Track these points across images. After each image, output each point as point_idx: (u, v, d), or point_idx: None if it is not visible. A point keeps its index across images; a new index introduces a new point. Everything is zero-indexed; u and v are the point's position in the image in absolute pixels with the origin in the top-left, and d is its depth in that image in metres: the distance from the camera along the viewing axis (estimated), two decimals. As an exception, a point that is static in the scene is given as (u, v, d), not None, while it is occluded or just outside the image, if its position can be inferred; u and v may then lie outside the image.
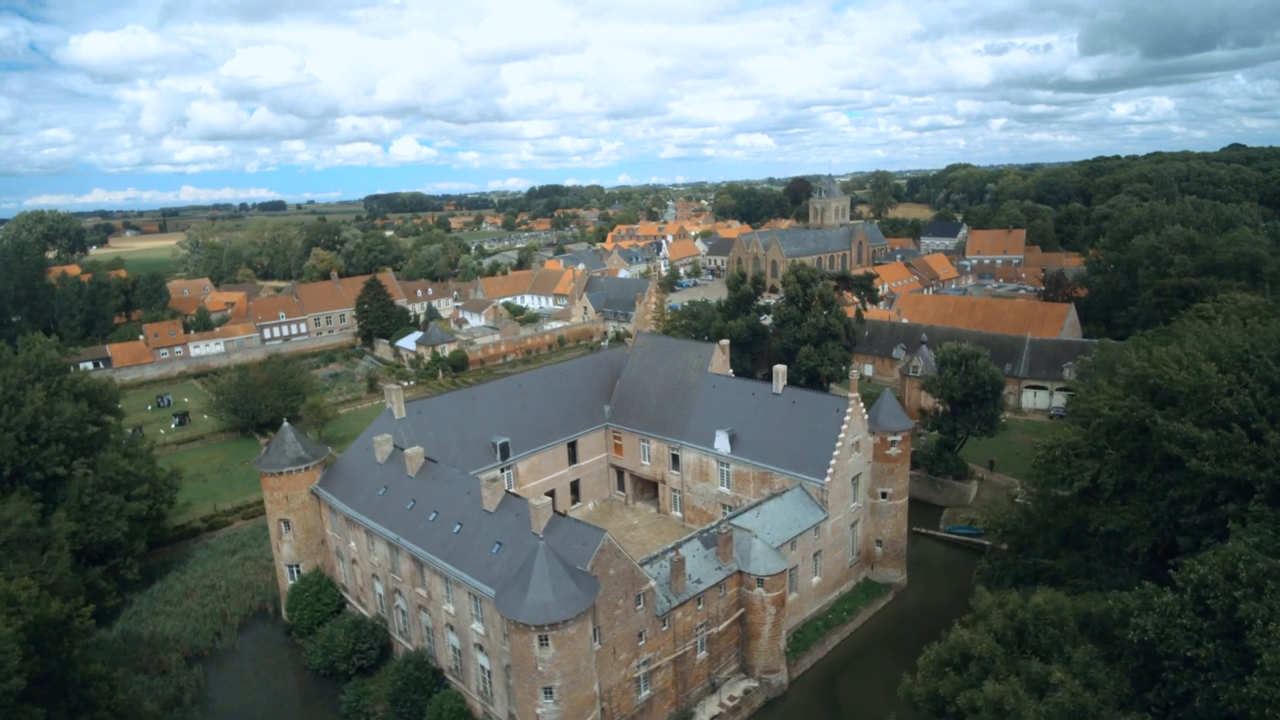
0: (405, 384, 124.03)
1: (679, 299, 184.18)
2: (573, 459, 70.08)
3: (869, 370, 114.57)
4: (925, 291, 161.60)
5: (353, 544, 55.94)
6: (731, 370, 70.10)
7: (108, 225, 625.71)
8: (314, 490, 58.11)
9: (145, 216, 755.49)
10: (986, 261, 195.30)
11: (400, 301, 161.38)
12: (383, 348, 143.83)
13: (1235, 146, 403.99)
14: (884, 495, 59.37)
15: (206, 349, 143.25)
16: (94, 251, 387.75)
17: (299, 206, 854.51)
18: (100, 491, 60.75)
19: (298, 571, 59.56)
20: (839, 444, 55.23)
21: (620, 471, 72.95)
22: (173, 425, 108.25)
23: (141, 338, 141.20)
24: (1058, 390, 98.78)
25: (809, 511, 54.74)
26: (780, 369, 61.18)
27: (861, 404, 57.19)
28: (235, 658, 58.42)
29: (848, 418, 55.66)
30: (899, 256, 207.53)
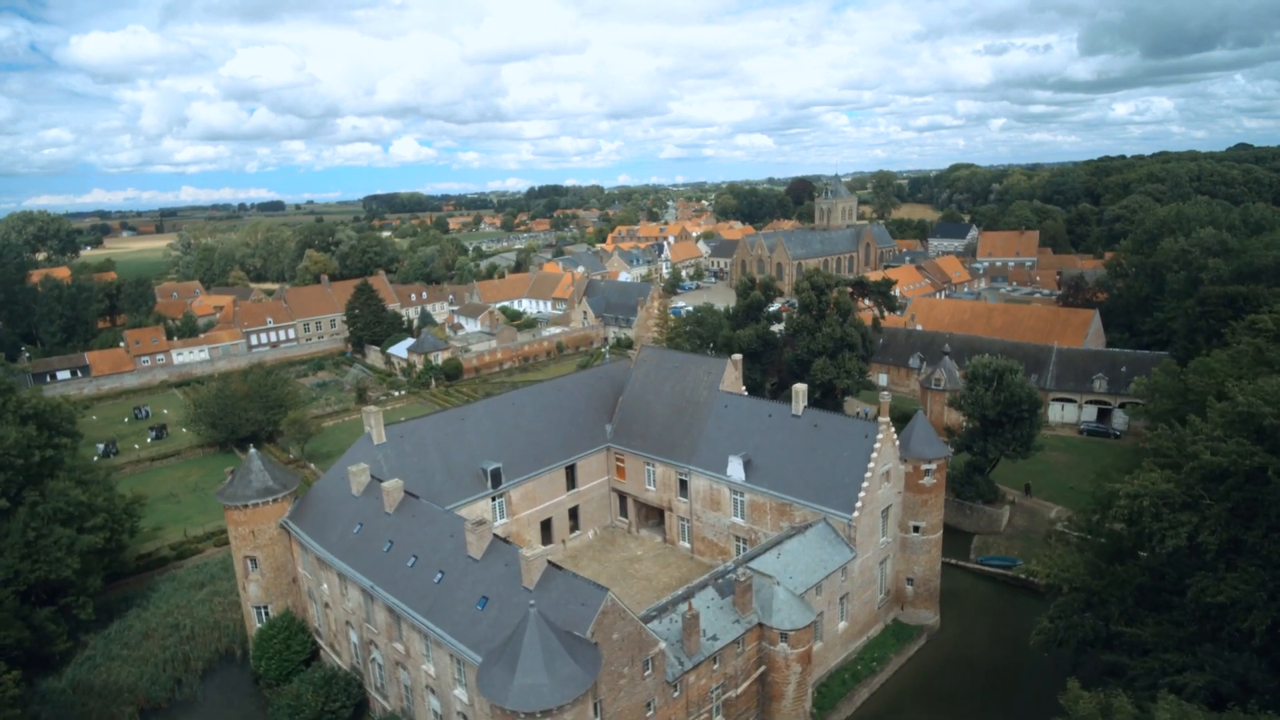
0: (396, 394, 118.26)
1: (682, 302, 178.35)
2: (571, 484, 64.23)
3: (883, 380, 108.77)
4: (937, 295, 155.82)
5: (325, 586, 50.10)
6: (745, 388, 64.20)
7: (104, 226, 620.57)
8: (283, 524, 52.26)
9: (144, 217, 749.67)
10: (998, 264, 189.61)
11: (393, 306, 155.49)
12: (374, 355, 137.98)
13: (1242, 146, 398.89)
14: (916, 529, 53.55)
15: (190, 356, 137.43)
16: (86, 253, 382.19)
17: (298, 207, 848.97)
18: (49, 524, 54.76)
19: (266, 614, 53.74)
20: (869, 474, 49.40)
21: (623, 496, 67.11)
22: (149, 439, 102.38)
23: (122, 344, 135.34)
24: (1087, 403, 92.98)
25: (835, 550, 48.92)
26: (800, 388, 55.34)
27: (893, 429, 51.34)
28: (196, 711, 52.62)
29: (878, 444, 49.83)
30: (908, 258, 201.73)
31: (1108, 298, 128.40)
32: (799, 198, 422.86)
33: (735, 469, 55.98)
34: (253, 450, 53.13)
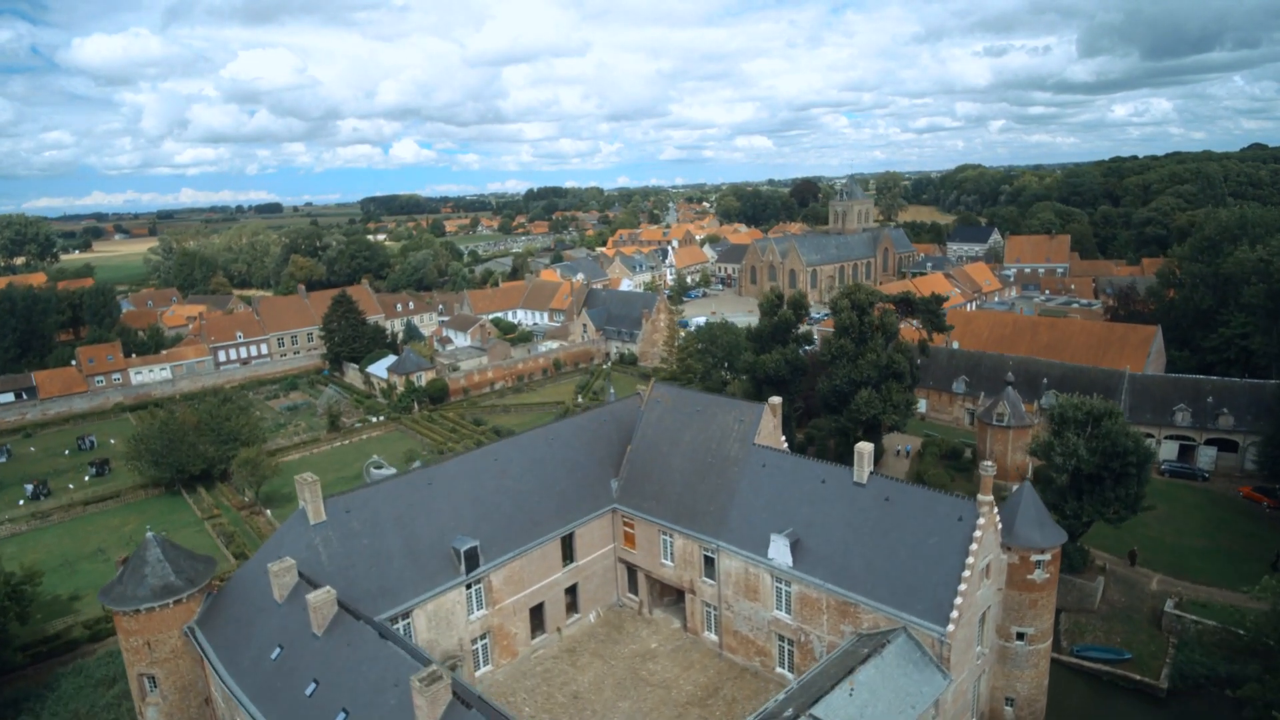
0: (373, 419, 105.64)
1: (688, 312, 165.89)
2: (569, 557, 51.72)
3: (922, 406, 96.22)
4: (968, 306, 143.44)
5: (238, 723, 37.51)
6: (785, 439, 51.62)
7: (96, 229, 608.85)
8: (189, 631, 39.70)
9: (140, 219, 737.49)
10: (1027, 270, 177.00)
11: (375, 318, 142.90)
12: (353, 373, 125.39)
13: (1257, 146, 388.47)
14: (1020, 637, 41.03)
15: (150, 375, 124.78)
16: (66, 257, 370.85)
17: (295, 209, 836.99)
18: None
19: (170, 745, 41.15)
20: (967, 571, 36.86)
21: (632, 569, 54.57)
22: (86, 477, 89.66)
23: (74, 363, 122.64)
24: (1166, 438, 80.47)
25: (924, 677, 36.37)
26: (865, 449, 42.74)
27: (995, 510, 38.76)
28: None
29: (978, 531, 37.28)
30: (929, 265, 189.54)
31: (1155, 310, 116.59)
32: (804, 199, 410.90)
33: (779, 551, 43.44)
34: (150, 536, 40.57)
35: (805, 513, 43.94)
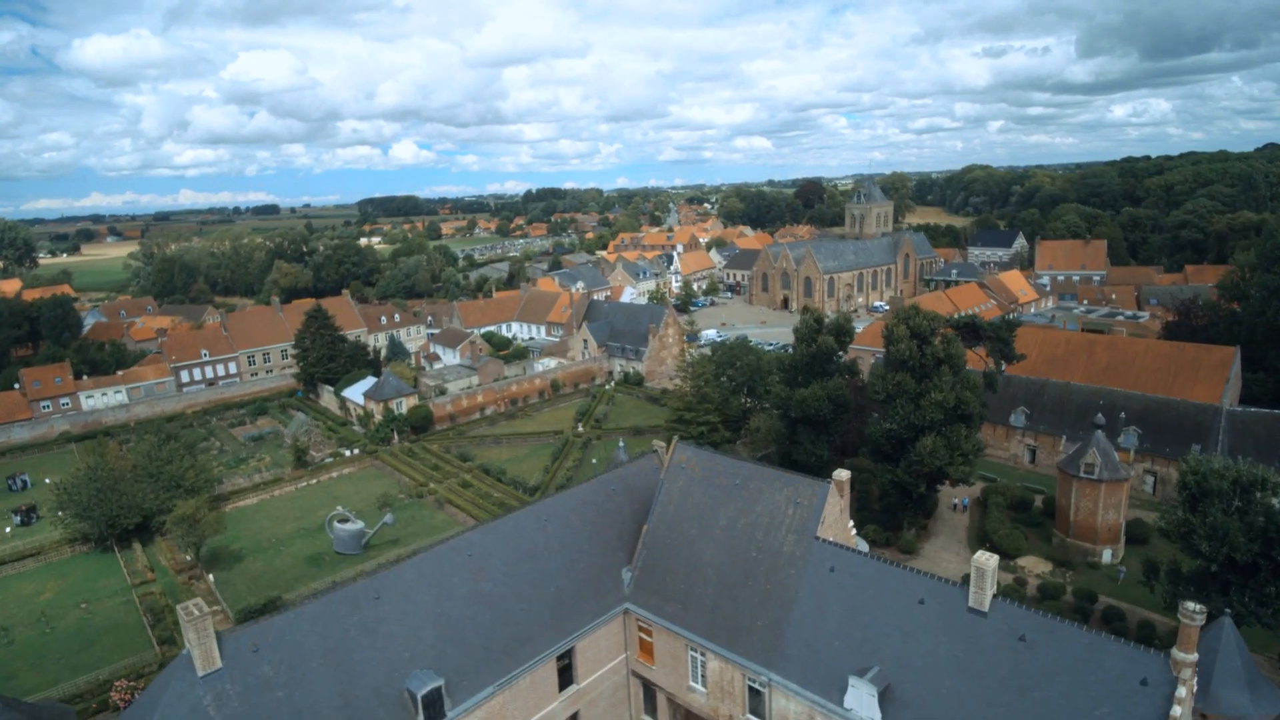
0: (348, 452, 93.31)
1: (698, 322, 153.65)
2: (567, 678, 39.40)
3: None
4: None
5: None
6: (852, 524, 39.24)
7: (88, 231, 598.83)
8: (20, 837, 27.41)
9: (138, 221, 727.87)
10: (1061, 278, 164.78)
11: (356, 333, 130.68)
12: (329, 397, 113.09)
13: (1272, 145, 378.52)
14: (1217, 839, 28.75)
15: (103, 400, 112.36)
16: (49, 261, 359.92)
17: (293, 210, 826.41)
18: None
19: None
20: (1162, 771, 24.57)
21: (649, 686, 42.26)
22: (9, 527, 77.23)
23: (17, 385, 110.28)
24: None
25: None
26: (989, 564, 30.39)
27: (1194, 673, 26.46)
28: None
29: (1177, 708, 24.98)
30: (954, 271, 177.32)
31: (1217, 324, 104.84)
32: (808, 200, 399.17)
33: (862, 701, 31.14)
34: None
35: (897, 647, 31.63)
